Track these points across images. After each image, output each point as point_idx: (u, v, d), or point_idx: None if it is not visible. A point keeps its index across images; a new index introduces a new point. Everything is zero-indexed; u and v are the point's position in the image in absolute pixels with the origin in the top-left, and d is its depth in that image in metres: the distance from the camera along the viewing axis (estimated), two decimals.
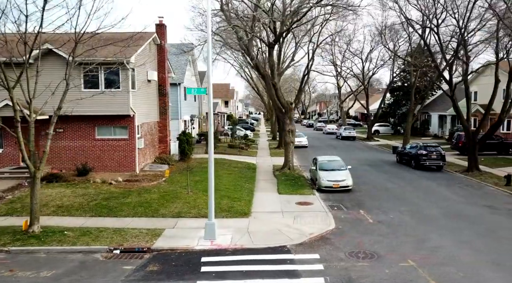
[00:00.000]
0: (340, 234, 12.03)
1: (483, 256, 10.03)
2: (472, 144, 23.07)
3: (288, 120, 23.59)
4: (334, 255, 10.09)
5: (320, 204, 15.86)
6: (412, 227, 12.68)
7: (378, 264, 9.49)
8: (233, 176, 21.23)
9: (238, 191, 17.54)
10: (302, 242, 11.21)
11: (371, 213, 14.61)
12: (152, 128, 23.48)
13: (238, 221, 13.33)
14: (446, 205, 15.75)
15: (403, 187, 19.56)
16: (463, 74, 23.20)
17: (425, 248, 10.59)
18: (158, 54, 24.14)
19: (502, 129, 35.59)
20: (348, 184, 18.57)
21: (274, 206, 15.49)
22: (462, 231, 12.15)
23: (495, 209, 15.10)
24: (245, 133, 53.39)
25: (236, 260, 9.86)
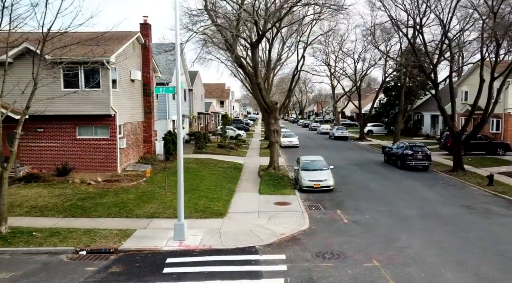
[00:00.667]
0: (312, 234, 11.95)
1: (449, 256, 9.96)
2: (457, 144, 23.03)
3: (273, 120, 23.51)
4: (300, 256, 10.01)
5: (299, 204, 15.78)
6: (386, 227, 12.61)
7: (342, 264, 9.42)
8: (216, 176, 21.12)
9: (218, 191, 17.43)
10: (271, 243, 11.12)
11: (348, 213, 14.54)
12: (136, 128, 23.36)
13: (212, 222, 13.24)
14: (424, 205, 15.70)
15: (385, 187, 19.50)
16: (449, 74, 23.15)
17: (393, 248, 10.52)
18: (142, 54, 24.02)
19: (491, 129, 35.61)
20: (329, 184, 18.50)
21: (252, 206, 15.40)
22: (434, 231, 12.09)
23: (472, 209, 15.05)
24: (238, 133, 53.38)
25: (201, 261, 9.77)
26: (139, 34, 22.98)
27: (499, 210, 15.02)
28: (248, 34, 22.10)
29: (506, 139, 32.85)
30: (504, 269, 9.15)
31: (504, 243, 10.98)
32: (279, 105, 25.51)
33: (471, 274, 8.82)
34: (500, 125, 34.23)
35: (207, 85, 79.12)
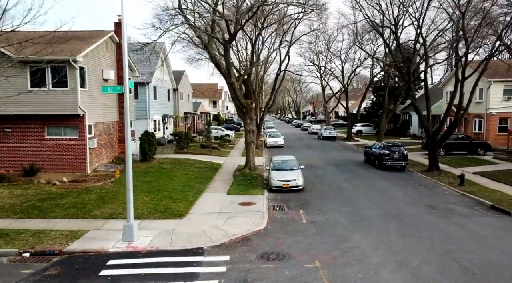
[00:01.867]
0: (265, 235, 11.83)
1: (394, 256, 9.86)
2: (432, 144, 22.96)
3: (249, 120, 23.37)
4: (244, 257, 9.88)
5: (263, 204, 15.64)
6: (342, 228, 12.49)
7: (283, 265, 9.29)
8: (188, 176, 20.96)
9: (185, 192, 17.26)
10: (220, 244, 10.98)
11: (310, 213, 14.43)
12: (110, 128, 23.17)
13: (170, 223, 13.08)
14: (389, 205, 15.60)
15: (357, 187, 19.39)
16: (424, 73, 23.08)
17: (341, 249, 10.41)
18: (117, 53, 23.84)
19: (474, 129, 35.61)
20: (298, 184, 18.38)
21: (215, 207, 15.26)
22: (389, 232, 11.99)
23: (435, 209, 14.96)
24: (226, 133, 53.21)
25: (142, 262, 9.63)
26: (112, 33, 22.80)
27: (461, 210, 14.95)
28: (221, 36, 21.96)
29: (488, 139, 32.85)
30: (443, 269, 9.05)
31: (453, 244, 10.89)
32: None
33: (408, 274, 8.72)
34: (482, 125, 34.22)
35: (200, 85, 78.97)
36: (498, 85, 32.53)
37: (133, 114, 28.25)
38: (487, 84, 33.00)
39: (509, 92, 32.52)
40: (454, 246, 10.66)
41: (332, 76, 55.53)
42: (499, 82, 32.34)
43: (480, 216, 14.12)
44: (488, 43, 24.89)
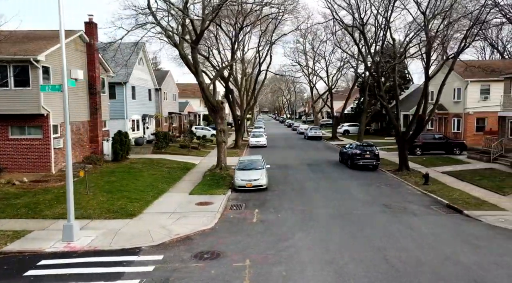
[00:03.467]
0: (209, 234, 11.82)
1: (326, 255, 9.87)
2: (401, 143, 23.02)
3: (220, 119, 23.35)
4: (178, 256, 9.87)
5: (221, 204, 15.61)
6: (288, 227, 12.50)
7: (213, 264, 9.28)
8: (156, 176, 20.90)
9: (146, 192, 17.22)
10: (160, 243, 10.96)
11: (264, 212, 14.44)
12: (80, 128, 23.09)
13: (119, 222, 13.04)
14: (345, 204, 15.63)
15: (321, 186, 19.41)
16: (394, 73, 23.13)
17: (277, 248, 10.41)
18: (88, 53, 23.74)
19: (453, 129, 35.74)
20: (262, 183, 18.38)
21: (171, 207, 15.22)
22: (332, 231, 12.00)
23: (390, 208, 15.00)
24: (213, 133, 53.11)
25: (74, 263, 9.59)
26: (81, 32, 22.72)
27: (416, 208, 14.99)
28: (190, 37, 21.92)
29: (466, 138, 32.98)
30: (369, 267, 9.06)
31: (390, 242, 10.91)
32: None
33: (332, 273, 8.73)
34: (460, 125, 34.35)
35: (190, 85, 78.63)
36: (475, 85, 32.68)
37: (107, 113, 28.20)
38: (464, 84, 33.15)
39: (485, 92, 32.68)
40: (390, 244, 10.69)
41: (317, 76, 55.68)
42: (476, 82, 32.48)
43: (432, 214, 14.18)
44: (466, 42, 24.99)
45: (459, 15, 19.18)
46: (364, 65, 24.78)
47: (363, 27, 21.60)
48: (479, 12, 18.89)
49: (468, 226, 12.69)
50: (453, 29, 20.07)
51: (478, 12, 18.75)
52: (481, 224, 12.96)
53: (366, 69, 24.84)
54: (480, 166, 23.55)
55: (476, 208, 14.73)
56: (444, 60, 21.06)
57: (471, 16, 19.70)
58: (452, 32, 20.06)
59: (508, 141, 25.60)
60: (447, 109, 36.44)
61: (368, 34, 30.01)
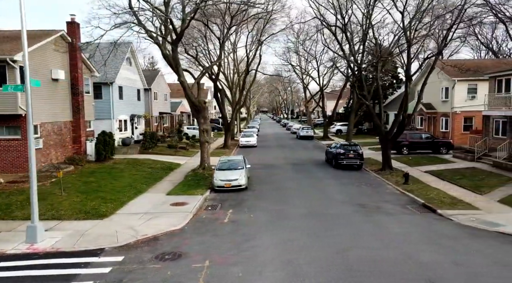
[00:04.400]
0: (176, 235, 11.75)
1: (287, 255, 9.81)
2: (384, 143, 22.99)
3: (203, 119, 23.28)
4: (138, 257, 9.79)
5: (196, 204, 15.52)
6: (257, 227, 12.44)
7: (171, 265, 9.22)
8: (136, 177, 20.80)
9: (123, 193, 17.11)
10: (125, 245, 10.87)
11: (238, 212, 14.38)
12: (62, 128, 22.96)
13: (88, 223, 12.94)
14: (320, 204, 15.58)
15: (302, 186, 19.35)
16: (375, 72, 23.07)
17: (241, 248, 10.36)
18: (70, 53, 23.61)
19: (441, 128, 35.73)
20: (241, 183, 18.31)
21: (145, 208, 15.12)
22: (300, 230, 11.95)
23: (365, 208, 14.95)
24: None
25: (33, 264, 9.49)
26: (62, 32, 22.58)
27: (391, 208, 14.95)
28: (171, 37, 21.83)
29: (453, 138, 32.98)
30: (326, 267, 9.00)
31: (355, 241, 10.85)
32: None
33: (289, 273, 8.67)
34: (448, 124, 34.33)
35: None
36: (462, 84, 32.65)
37: (91, 114, 28.07)
38: (451, 83, 33.14)
39: (473, 91, 32.66)
40: (355, 244, 10.64)
41: (310, 77, 55.62)
42: (463, 81, 32.45)
43: (405, 214, 14.14)
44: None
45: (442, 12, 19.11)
46: (347, 65, 24.72)
47: (345, 27, 21.55)
48: (460, 11, 18.83)
49: (439, 225, 12.65)
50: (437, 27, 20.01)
51: (459, 11, 18.68)
52: (452, 223, 12.92)
53: (350, 69, 24.75)
54: (463, 165, 23.54)
55: (450, 208, 14.70)
56: (424, 59, 21.01)
57: (452, 15, 19.66)
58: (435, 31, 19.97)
59: (494, 140, 25.60)
60: (436, 108, 36.43)
61: (357, 34, 30.06)
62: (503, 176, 19.42)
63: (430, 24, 19.88)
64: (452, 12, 19.65)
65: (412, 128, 43.90)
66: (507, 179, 18.73)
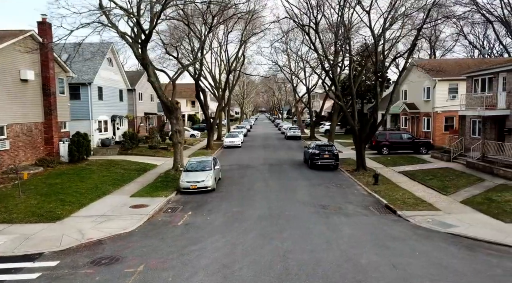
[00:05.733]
0: (123, 238, 11.54)
1: (226, 258, 9.60)
2: (358, 143, 22.83)
3: (175, 120, 23.06)
4: (74, 262, 9.58)
5: (156, 207, 15.29)
6: (208, 230, 12.24)
7: (104, 270, 9.01)
8: (105, 178, 20.53)
9: (85, 195, 16.85)
10: (66, 249, 10.64)
11: (196, 215, 14.18)
12: (32, 129, 22.68)
13: (38, 227, 12.68)
14: (282, 205, 15.40)
15: (271, 187, 19.15)
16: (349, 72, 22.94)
17: (182, 252, 10.14)
18: (41, 53, 23.32)
19: (423, 128, 35.62)
20: (207, 184, 18.10)
21: (102, 210, 14.88)
22: (250, 233, 11.75)
23: (325, 209, 14.78)
24: (192, 134, 52.96)
25: None
26: (32, 32, 22.32)
27: (352, 209, 14.77)
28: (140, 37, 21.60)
29: (435, 138, 32.89)
30: (263, 270, 8.81)
31: (303, 243, 10.66)
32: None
33: (221, 278, 8.48)
34: (430, 124, 34.21)
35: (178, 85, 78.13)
36: (443, 84, 32.55)
37: (67, 114, 27.83)
38: (432, 83, 33.03)
39: (454, 91, 32.55)
40: (300, 246, 10.45)
41: (297, 78, 55.38)
42: (444, 81, 32.35)
43: (364, 215, 13.96)
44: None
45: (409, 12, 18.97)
46: (320, 64, 24.57)
47: (316, 26, 21.38)
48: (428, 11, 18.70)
49: (393, 226, 12.48)
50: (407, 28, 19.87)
51: (428, 11, 18.55)
52: (407, 224, 12.76)
53: (322, 69, 24.59)
54: (438, 166, 23.41)
55: (411, 208, 14.55)
56: (392, 59, 20.88)
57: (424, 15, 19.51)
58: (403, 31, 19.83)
59: (471, 140, 25.48)
60: (419, 108, 36.34)
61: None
62: (473, 176, 19.29)
63: (402, 24, 19.74)
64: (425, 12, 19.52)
65: (398, 128, 43.89)
66: (476, 179, 18.60)
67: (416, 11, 18.23)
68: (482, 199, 15.08)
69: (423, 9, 17.63)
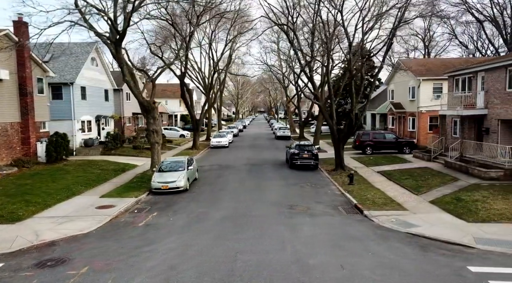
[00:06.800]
0: (79, 239, 11.35)
1: (174, 260, 9.41)
2: (336, 143, 22.69)
3: (152, 120, 22.87)
4: (18, 264, 9.38)
5: (122, 207, 15.10)
6: (167, 231, 12.06)
7: (45, 273, 8.82)
8: (80, 178, 20.31)
9: (53, 195, 16.62)
10: (16, 250, 10.44)
11: (161, 216, 14.01)
12: (8, 129, 22.44)
13: None
14: (250, 205, 15.23)
15: (244, 187, 18.99)
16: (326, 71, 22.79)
17: (132, 253, 9.95)
18: (17, 53, 23.08)
19: (409, 128, 35.51)
20: (179, 185, 17.91)
21: (68, 211, 14.68)
22: (208, 234, 11.57)
23: (292, 209, 14.62)
24: (181, 134, 52.75)
25: None
26: (7, 31, 22.09)
27: (320, 209, 14.60)
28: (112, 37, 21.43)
29: (419, 137, 32.78)
30: (206, 273, 8.61)
31: (256, 245, 10.47)
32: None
33: (162, 279, 8.30)
34: (415, 124, 34.10)
35: (170, 85, 77.72)
36: (428, 84, 32.43)
37: (46, 114, 27.59)
38: (417, 83, 32.93)
39: (438, 90, 32.43)
40: (255, 247, 10.27)
41: (287, 78, 55.24)
42: (428, 81, 32.24)
43: (330, 215, 13.79)
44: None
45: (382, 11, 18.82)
46: (299, 64, 24.43)
47: (294, 26, 21.24)
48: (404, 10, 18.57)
49: (355, 226, 12.32)
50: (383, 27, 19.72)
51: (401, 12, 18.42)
52: (370, 224, 12.61)
53: (301, 69, 24.44)
54: (417, 165, 23.28)
55: (379, 208, 14.40)
56: (366, 59, 20.72)
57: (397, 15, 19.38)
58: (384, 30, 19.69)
59: (452, 140, 25.37)
60: (405, 108, 36.23)
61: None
62: (449, 176, 19.15)
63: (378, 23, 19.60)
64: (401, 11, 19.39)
65: (385, 128, 43.80)
66: (451, 179, 18.47)
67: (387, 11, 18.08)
68: (451, 199, 14.94)
69: (395, 7, 17.51)
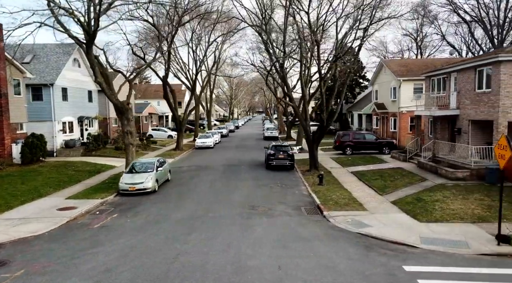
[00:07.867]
0: (28, 241, 11.32)
1: (114, 262, 9.39)
2: (310, 143, 22.71)
3: (126, 121, 22.82)
4: None
5: (83, 209, 15.05)
6: (120, 232, 12.04)
7: None
8: (51, 180, 20.25)
9: (18, 197, 16.57)
10: None
11: (120, 217, 13.98)
12: None
13: None
14: (212, 207, 15.20)
15: (214, 188, 18.97)
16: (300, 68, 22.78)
17: (75, 255, 9.93)
18: None
19: (391, 128, 35.59)
20: (146, 186, 17.85)
21: (28, 213, 14.62)
22: (160, 235, 11.58)
23: (253, 210, 14.62)
24: (169, 134, 52.70)
25: None
26: None
27: (281, 210, 14.59)
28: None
29: (400, 137, 32.85)
30: (142, 275, 8.61)
31: (199, 247, 10.45)
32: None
33: (93, 282, 8.29)
34: (396, 124, 34.18)
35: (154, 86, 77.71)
36: (408, 84, 32.50)
37: (24, 116, 27.51)
38: (398, 83, 33.01)
39: (419, 90, 32.51)
40: (199, 248, 10.26)
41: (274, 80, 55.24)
42: (408, 81, 32.32)
43: (289, 216, 13.77)
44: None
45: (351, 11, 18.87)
46: (273, 64, 24.41)
47: (266, 26, 21.26)
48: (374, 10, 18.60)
49: (308, 227, 12.32)
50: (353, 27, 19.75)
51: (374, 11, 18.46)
52: (325, 225, 12.62)
53: (275, 68, 24.41)
54: (392, 166, 23.32)
55: (339, 209, 14.42)
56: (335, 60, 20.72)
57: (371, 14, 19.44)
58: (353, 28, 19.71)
59: (428, 140, 25.43)
60: (387, 108, 36.31)
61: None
62: (418, 176, 19.20)
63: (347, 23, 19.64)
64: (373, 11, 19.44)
65: (370, 129, 43.88)
66: (419, 179, 18.52)
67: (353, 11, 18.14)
68: (412, 199, 14.98)
69: (360, 8, 17.53)
